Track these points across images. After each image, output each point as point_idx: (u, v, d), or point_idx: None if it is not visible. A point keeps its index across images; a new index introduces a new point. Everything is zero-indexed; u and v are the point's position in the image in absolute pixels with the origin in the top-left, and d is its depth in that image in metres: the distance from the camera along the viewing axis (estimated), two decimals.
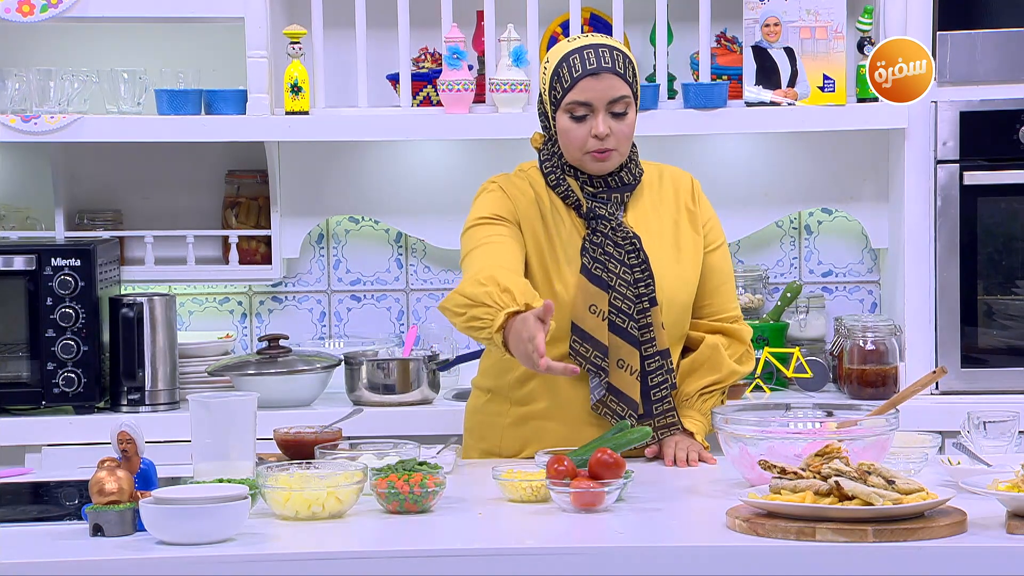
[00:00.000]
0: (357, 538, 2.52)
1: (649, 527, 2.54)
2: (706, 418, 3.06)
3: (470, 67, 4.05)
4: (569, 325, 3.00)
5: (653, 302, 3.03)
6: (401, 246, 4.34)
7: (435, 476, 2.63)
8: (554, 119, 3.04)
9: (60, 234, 4.17)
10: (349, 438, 3.10)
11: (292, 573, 2.38)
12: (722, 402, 3.12)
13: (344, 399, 4.01)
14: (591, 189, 3.05)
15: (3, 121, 3.95)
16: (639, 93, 3.09)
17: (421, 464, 2.69)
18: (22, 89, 4.00)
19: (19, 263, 3.85)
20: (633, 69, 3.05)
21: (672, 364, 3.06)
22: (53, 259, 3.84)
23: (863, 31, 4.02)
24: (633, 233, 3.04)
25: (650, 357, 3.03)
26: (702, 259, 3.12)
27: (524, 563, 2.39)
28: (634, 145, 3.11)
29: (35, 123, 3.96)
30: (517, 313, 2.73)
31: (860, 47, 4.02)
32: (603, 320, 2.99)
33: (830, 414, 2.87)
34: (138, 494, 2.49)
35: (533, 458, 2.83)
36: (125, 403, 3.90)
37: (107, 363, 3.92)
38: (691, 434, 3.04)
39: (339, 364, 4.01)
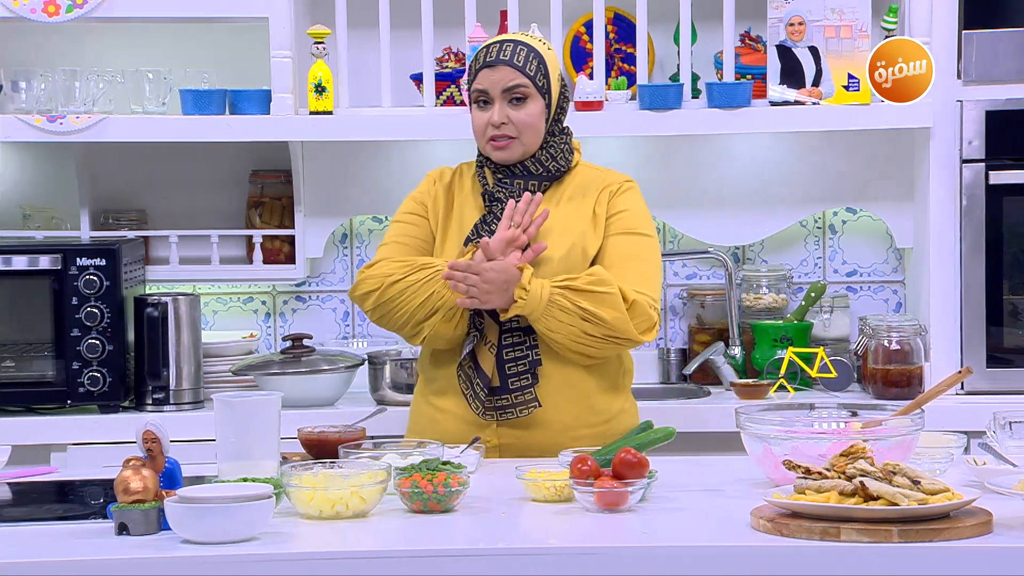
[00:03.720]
0: (380, 537, 2.52)
1: (673, 527, 2.54)
2: (542, 292, 3.05)
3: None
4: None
5: None
6: None
7: (458, 476, 2.63)
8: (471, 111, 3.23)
9: (85, 234, 4.19)
10: (372, 437, 3.11)
11: (316, 572, 2.38)
12: (571, 303, 3.06)
13: (367, 398, 4.02)
14: (500, 175, 3.21)
15: (29, 121, 3.97)
16: (551, 88, 3.19)
17: (444, 464, 2.69)
18: (48, 89, 4.01)
19: (44, 263, 3.87)
20: (540, 63, 3.18)
21: (536, 341, 3.11)
22: (78, 259, 3.86)
23: (888, 30, 4.00)
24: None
25: (509, 332, 3.11)
26: (593, 250, 3.18)
27: (547, 563, 2.39)
28: (568, 143, 3.23)
29: (60, 123, 3.97)
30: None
31: None
32: None
33: (855, 414, 2.86)
34: (163, 493, 2.50)
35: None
36: (150, 402, 3.91)
37: (132, 362, 3.94)
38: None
39: (362, 363, 4.02)
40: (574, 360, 3.13)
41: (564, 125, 3.25)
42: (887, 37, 3.99)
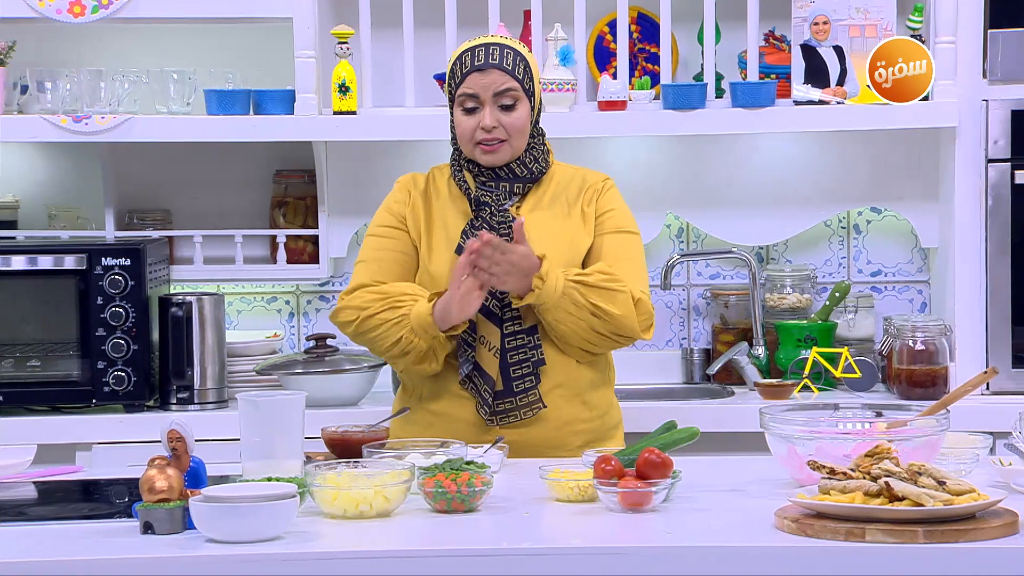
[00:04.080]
0: (404, 537, 2.52)
1: (697, 527, 2.53)
2: (557, 283, 3.04)
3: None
4: None
5: None
6: None
7: (482, 475, 2.63)
8: (451, 114, 3.19)
9: (110, 233, 4.20)
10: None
11: (340, 572, 2.38)
12: (584, 297, 3.07)
13: (390, 398, 4.00)
14: (483, 179, 3.19)
15: (54, 121, 3.99)
16: (536, 91, 3.19)
17: (468, 463, 2.69)
18: (73, 89, 4.03)
19: (70, 262, 3.88)
20: (526, 67, 3.18)
21: (539, 340, 3.12)
22: (103, 258, 3.87)
23: (913, 29, 3.99)
24: (513, 218, 3.15)
25: (512, 335, 3.12)
26: (585, 248, 3.18)
27: (570, 563, 2.38)
28: (544, 143, 3.23)
29: (86, 123, 3.99)
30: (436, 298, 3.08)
31: None
32: None
33: (879, 414, 2.85)
34: (188, 492, 2.50)
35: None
36: (174, 402, 3.93)
37: (156, 362, 3.95)
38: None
39: (385, 363, 4.02)
40: (574, 355, 3.15)
41: (539, 126, 3.25)
42: (912, 36, 3.98)
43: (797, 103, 4.00)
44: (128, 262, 3.87)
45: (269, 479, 2.64)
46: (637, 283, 3.15)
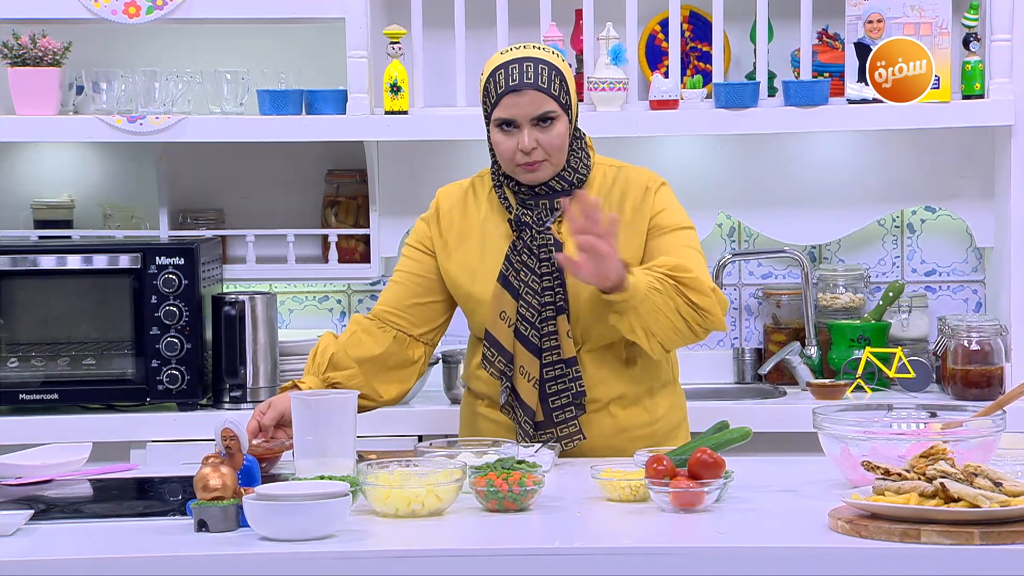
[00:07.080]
0: (456, 536, 2.52)
1: (749, 528, 2.52)
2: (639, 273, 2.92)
3: (569, 66, 4.04)
4: (483, 331, 3.09)
5: (560, 310, 3.05)
6: None
7: (534, 475, 2.63)
8: (488, 131, 3.10)
9: (164, 233, 4.23)
10: (447, 436, 3.12)
11: (392, 570, 2.39)
12: (671, 299, 2.94)
13: (442, 397, 4.03)
14: (523, 195, 3.10)
15: (109, 121, 4.02)
16: (573, 103, 3.07)
17: (520, 463, 2.69)
18: (128, 90, 4.06)
19: (124, 262, 3.91)
20: (562, 80, 3.04)
21: (579, 372, 3.05)
22: (157, 258, 3.90)
23: (969, 27, 3.96)
24: (555, 240, 3.06)
25: (550, 365, 3.06)
26: (639, 256, 3.07)
27: (622, 563, 2.38)
28: (583, 146, 3.11)
29: (140, 123, 4.02)
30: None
31: (966, 43, 3.96)
32: (509, 327, 3.06)
33: (934, 415, 2.83)
34: (241, 490, 2.52)
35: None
36: (227, 400, 3.95)
37: (209, 360, 3.97)
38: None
39: (437, 363, 4.03)
40: (656, 351, 3.02)
41: (577, 128, 3.14)
42: (968, 34, 3.95)
43: (851, 102, 3.98)
44: (182, 261, 3.90)
45: (322, 477, 2.65)
46: (704, 272, 3.04)
